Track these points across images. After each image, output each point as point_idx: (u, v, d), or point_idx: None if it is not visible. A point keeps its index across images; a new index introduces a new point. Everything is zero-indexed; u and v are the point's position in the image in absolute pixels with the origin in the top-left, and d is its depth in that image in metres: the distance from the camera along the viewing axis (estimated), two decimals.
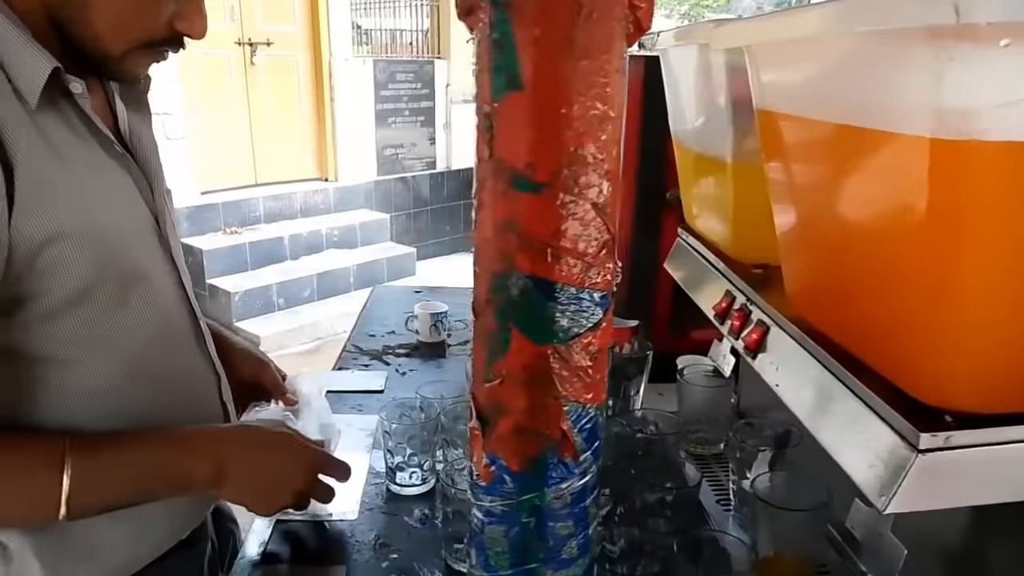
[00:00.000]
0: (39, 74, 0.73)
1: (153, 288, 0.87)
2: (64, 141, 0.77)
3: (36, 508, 0.75)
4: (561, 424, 0.29)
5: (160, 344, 0.88)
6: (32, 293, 0.75)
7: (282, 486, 0.89)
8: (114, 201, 0.83)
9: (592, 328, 0.29)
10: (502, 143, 0.28)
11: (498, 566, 0.32)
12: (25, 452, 0.76)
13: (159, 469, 0.82)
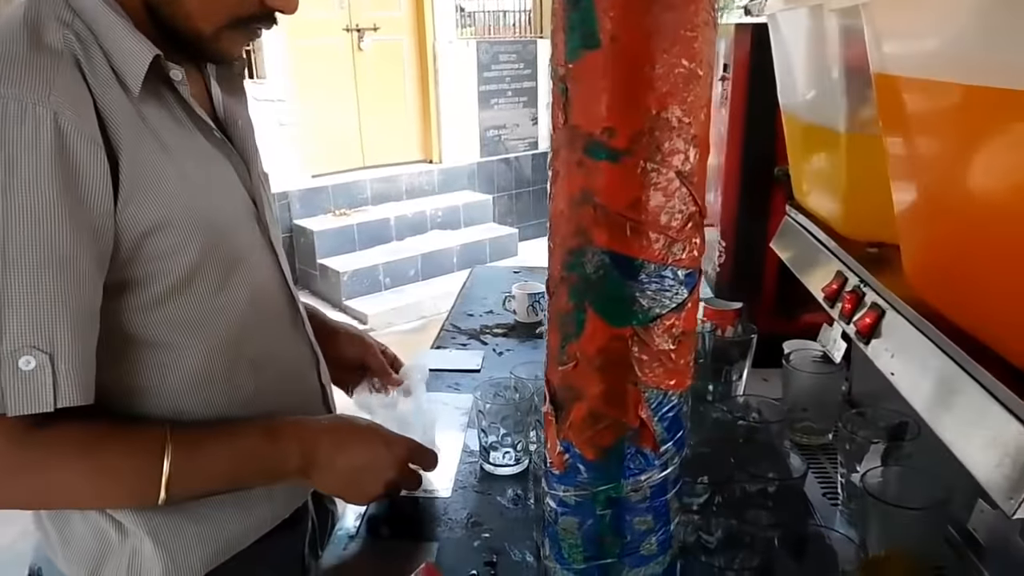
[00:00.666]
0: (141, 62, 0.75)
1: (252, 271, 0.88)
2: (166, 129, 0.79)
3: (139, 491, 0.78)
4: (640, 412, 0.27)
5: (258, 326, 0.89)
6: (139, 279, 0.77)
7: (370, 477, 0.89)
8: (215, 187, 0.84)
9: (675, 309, 0.27)
10: (577, 108, 0.26)
11: (571, 559, 0.30)
12: (131, 439, 0.78)
13: (252, 460, 0.84)
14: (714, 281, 1.42)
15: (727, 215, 1.37)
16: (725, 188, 1.36)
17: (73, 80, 0.71)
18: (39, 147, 0.68)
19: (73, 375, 0.71)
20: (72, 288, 0.71)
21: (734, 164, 1.34)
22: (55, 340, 0.69)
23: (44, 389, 0.69)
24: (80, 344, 0.71)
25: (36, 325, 0.69)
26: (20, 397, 0.69)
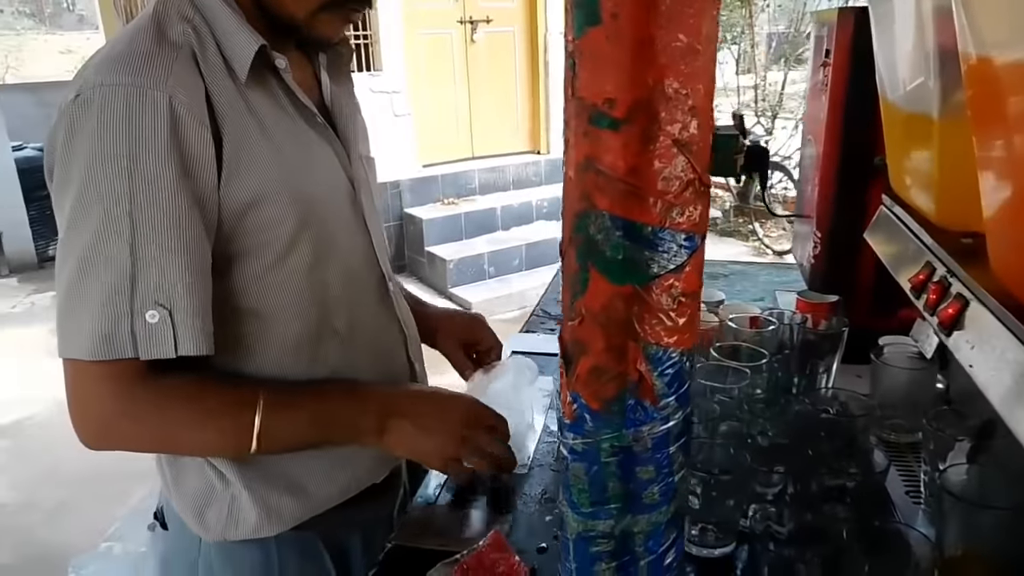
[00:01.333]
0: (248, 51, 0.82)
1: (344, 248, 0.94)
2: (268, 112, 0.85)
3: (234, 442, 0.86)
4: (639, 366, 0.29)
5: (347, 301, 0.95)
6: (241, 252, 0.85)
7: (440, 440, 0.91)
8: (313, 168, 0.90)
9: (674, 270, 0.29)
10: (583, 81, 0.28)
11: (580, 503, 0.33)
12: (229, 393, 0.86)
13: (334, 420, 0.89)
14: (808, 273, 1.39)
15: (823, 205, 1.33)
16: (822, 178, 1.33)
17: (188, 70, 0.79)
18: (157, 126, 0.76)
19: (189, 328, 0.79)
20: (189, 252, 0.79)
21: (832, 153, 1.30)
22: (174, 298, 0.78)
23: (166, 338, 0.78)
24: (196, 301, 0.80)
25: (160, 285, 0.78)
26: (149, 344, 0.78)
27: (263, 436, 0.84)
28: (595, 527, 0.33)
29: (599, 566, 0.34)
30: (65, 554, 2.42)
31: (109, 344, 0.77)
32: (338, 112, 0.99)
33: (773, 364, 1.11)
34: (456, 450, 0.91)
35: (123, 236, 0.76)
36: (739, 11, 7.37)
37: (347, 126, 0.98)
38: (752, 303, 1.54)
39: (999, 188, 0.67)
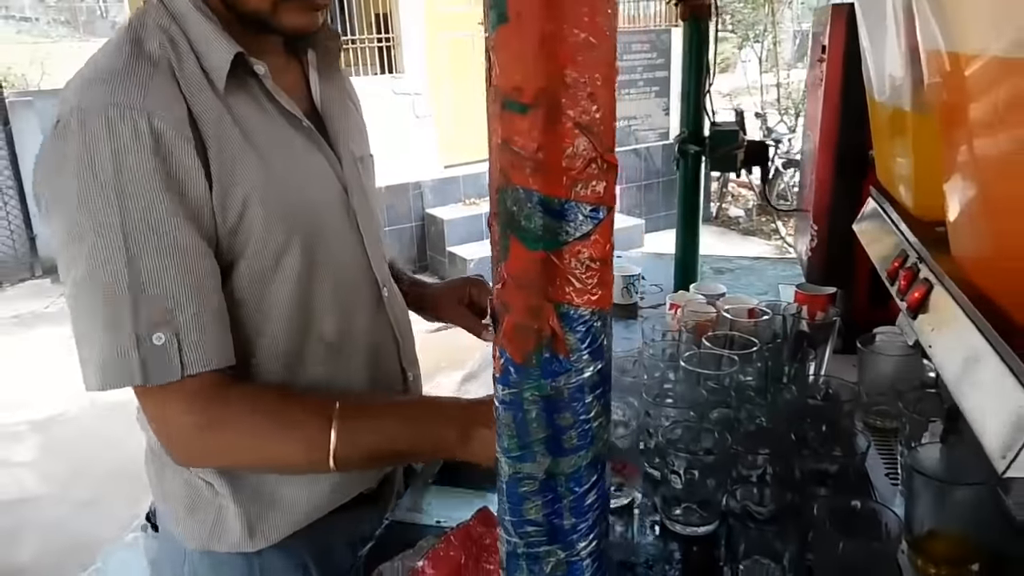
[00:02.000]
0: (224, 60, 0.81)
1: (336, 257, 0.92)
2: (251, 120, 0.84)
3: (309, 456, 0.83)
4: (551, 323, 0.33)
5: (336, 308, 0.93)
6: (233, 261, 0.83)
7: None
8: (301, 175, 0.89)
9: (581, 238, 0.33)
10: (497, 71, 0.32)
11: (510, 448, 0.37)
12: (304, 405, 0.85)
13: (415, 434, 0.86)
14: (806, 266, 1.41)
15: (819, 199, 1.35)
16: (818, 172, 1.35)
17: (166, 85, 0.79)
18: (140, 148, 0.75)
19: (196, 346, 0.78)
20: (189, 270, 0.78)
21: (828, 147, 1.33)
22: (179, 318, 0.77)
23: (172, 360, 0.77)
24: (204, 318, 0.78)
25: (163, 306, 0.76)
26: (156, 369, 0.76)
27: (340, 452, 0.82)
28: (522, 469, 0.37)
29: (527, 505, 0.38)
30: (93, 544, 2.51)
31: (118, 373, 0.76)
32: (328, 113, 0.97)
33: (764, 353, 1.14)
34: None
35: (119, 264, 0.75)
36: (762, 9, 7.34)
37: (338, 127, 0.96)
38: (755, 296, 1.56)
39: (957, 179, 0.70)
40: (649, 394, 1.09)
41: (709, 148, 1.52)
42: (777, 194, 6.30)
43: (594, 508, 0.39)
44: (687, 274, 1.67)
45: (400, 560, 0.80)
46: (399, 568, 0.79)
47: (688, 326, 1.25)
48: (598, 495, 0.39)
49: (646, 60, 6.38)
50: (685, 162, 1.58)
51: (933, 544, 0.78)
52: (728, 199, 7.10)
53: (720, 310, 1.30)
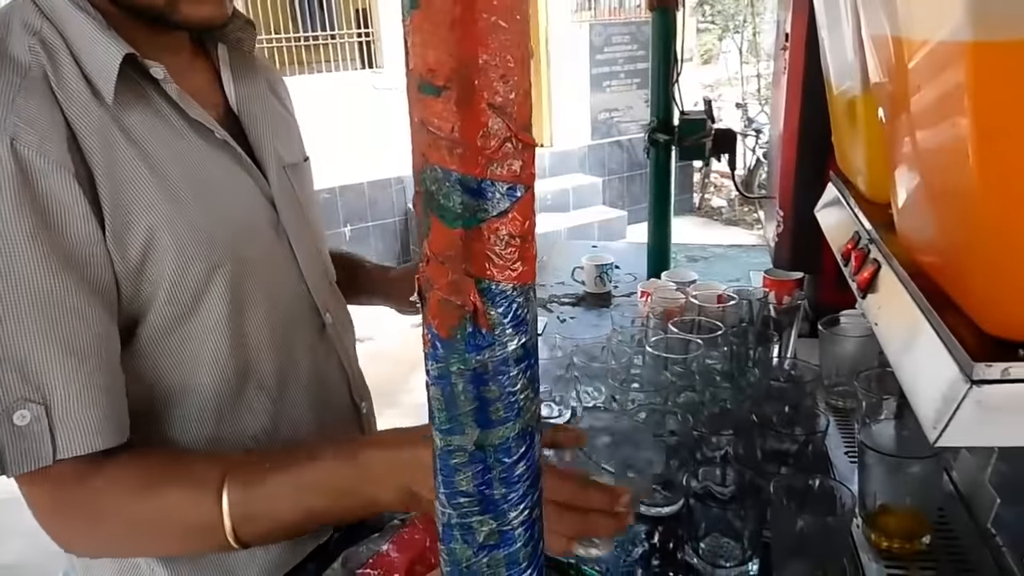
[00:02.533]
0: (110, 63, 0.68)
1: (267, 287, 0.80)
2: (149, 135, 0.71)
3: (202, 537, 0.69)
4: (472, 298, 0.35)
5: (273, 346, 0.81)
6: (143, 308, 0.72)
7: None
8: (215, 192, 0.76)
9: (498, 215, 0.34)
10: (412, 55, 0.34)
11: (440, 421, 0.38)
12: (187, 477, 0.69)
13: (330, 490, 0.69)
14: (774, 252, 1.43)
15: (784, 186, 1.37)
16: (783, 159, 1.37)
17: (38, 99, 0.65)
18: (1, 179, 0.62)
19: (74, 423, 0.65)
20: (64, 330, 0.65)
21: (791, 135, 1.34)
22: (47, 389, 0.64)
23: (41, 443, 0.64)
24: (82, 388, 0.65)
25: (27, 376, 0.63)
26: (17, 455, 0.63)
27: (239, 527, 0.67)
28: (452, 441, 0.38)
29: (458, 476, 0.39)
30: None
31: None
32: (248, 117, 0.84)
33: (730, 337, 1.16)
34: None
35: None
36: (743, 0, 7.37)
37: (261, 133, 0.84)
38: (727, 283, 1.58)
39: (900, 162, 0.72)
40: (616, 379, 1.10)
41: (678, 137, 1.53)
42: (758, 184, 6.34)
43: (524, 479, 0.41)
44: (659, 262, 1.69)
45: (365, 544, 0.81)
46: (364, 552, 0.80)
47: (656, 312, 1.27)
48: (528, 466, 0.40)
49: (627, 52, 6.39)
50: (655, 151, 1.59)
51: (885, 518, 0.81)
52: (711, 190, 7.13)
53: (688, 296, 1.32)
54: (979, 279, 0.54)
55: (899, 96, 0.66)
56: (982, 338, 0.54)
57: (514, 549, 0.41)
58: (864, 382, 0.93)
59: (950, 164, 0.54)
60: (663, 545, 0.91)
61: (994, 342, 0.53)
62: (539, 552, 0.43)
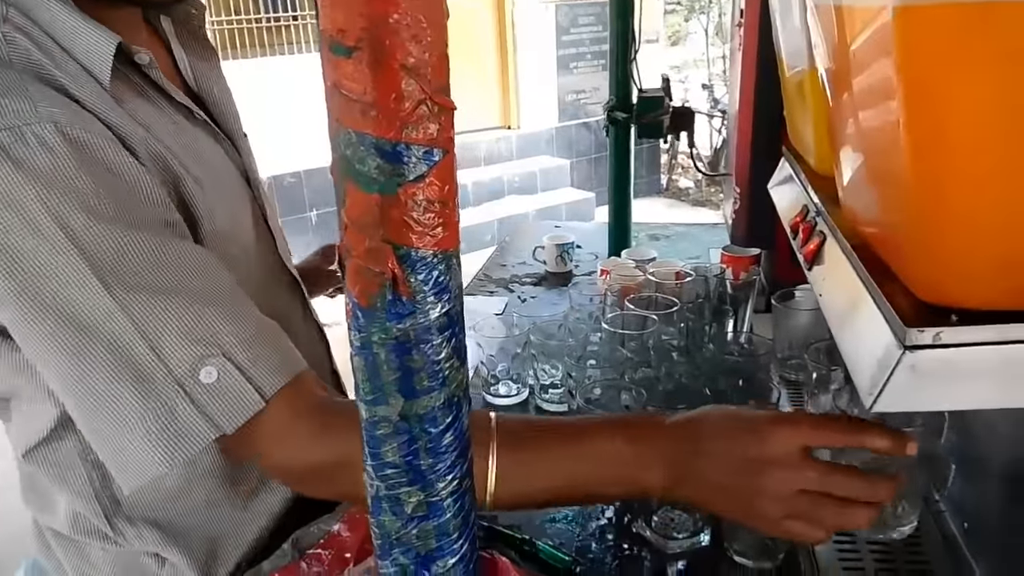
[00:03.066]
0: (103, 52, 0.67)
1: (251, 258, 0.80)
2: (149, 119, 0.71)
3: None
4: (390, 265, 0.34)
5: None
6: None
7: (759, 500, 0.64)
8: (215, 173, 0.77)
9: (415, 180, 0.33)
10: (323, 16, 0.33)
11: (364, 391, 0.37)
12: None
13: (598, 479, 0.69)
14: (731, 228, 1.44)
15: (740, 162, 1.38)
16: (740, 135, 1.37)
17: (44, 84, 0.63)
18: (62, 166, 0.59)
19: (264, 361, 0.65)
20: (202, 285, 0.65)
21: (747, 111, 1.35)
22: (220, 340, 0.64)
23: (244, 391, 0.64)
24: (251, 327, 0.66)
25: (194, 337, 0.63)
26: (226, 411, 0.63)
27: (501, 483, 0.66)
28: (377, 412, 0.37)
29: (385, 447, 0.39)
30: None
31: (178, 437, 0.62)
32: (209, 95, 0.84)
33: (686, 313, 1.17)
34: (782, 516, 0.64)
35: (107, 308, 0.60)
36: None
37: (224, 110, 0.84)
38: (687, 261, 1.59)
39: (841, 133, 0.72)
40: (572, 356, 1.11)
41: (636, 115, 1.53)
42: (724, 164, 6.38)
43: (452, 449, 0.40)
44: (620, 241, 1.69)
45: (316, 525, 0.80)
46: (316, 533, 0.79)
47: (614, 290, 1.27)
48: (455, 436, 0.40)
49: (593, 33, 6.37)
50: (614, 129, 1.59)
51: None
52: (678, 171, 7.16)
53: (646, 274, 1.32)
54: (913, 247, 0.54)
55: (838, 67, 0.67)
56: (918, 306, 0.54)
57: (444, 520, 0.41)
58: (814, 354, 0.94)
59: (882, 133, 0.54)
60: (618, 519, 0.92)
61: (928, 309, 0.54)
62: (471, 523, 0.43)
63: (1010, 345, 0.50)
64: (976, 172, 0.47)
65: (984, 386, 0.51)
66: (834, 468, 0.65)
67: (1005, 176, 0.46)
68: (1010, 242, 0.48)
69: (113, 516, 0.80)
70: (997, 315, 0.50)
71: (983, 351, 0.50)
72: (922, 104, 0.47)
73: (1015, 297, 0.50)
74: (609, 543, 0.88)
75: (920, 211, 0.51)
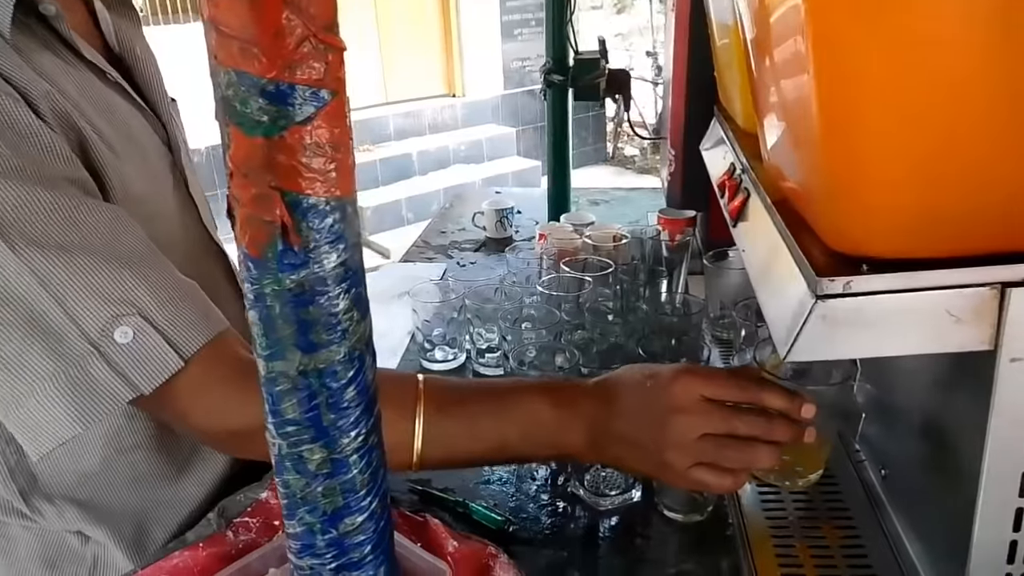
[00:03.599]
0: (4, 1, 0.63)
1: (173, 226, 0.78)
2: (58, 76, 0.67)
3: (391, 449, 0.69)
4: (279, 213, 0.32)
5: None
6: None
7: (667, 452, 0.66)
8: (128, 137, 0.74)
9: (302, 122, 0.32)
10: None
11: (260, 347, 0.36)
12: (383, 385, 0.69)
13: (526, 431, 0.70)
14: (667, 191, 1.45)
15: (675, 124, 1.38)
16: (674, 97, 1.38)
17: None
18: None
19: (183, 319, 0.63)
20: (116, 242, 0.63)
21: (680, 73, 1.35)
22: (135, 298, 0.62)
23: (161, 350, 0.62)
24: (168, 286, 0.64)
25: (108, 296, 0.61)
26: (143, 371, 0.61)
27: (427, 444, 0.67)
28: (275, 368, 0.36)
29: (284, 404, 0.37)
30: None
31: (91, 400, 0.60)
32: (131, 58, 0.79)
33: (620, 275, 1.17)
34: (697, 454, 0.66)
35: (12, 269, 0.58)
36: None
37: (145, 73, 0.80)
38: (627, 224, 1.60)
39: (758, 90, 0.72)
40: (507, 320, 1.10)
41: (572, 77, 1.52)
42: None
43: (356, 404, 0.39)
44: (559, 205, 1.69)
45: (243, 493, 0.79)
46: (243, 501, 0.78)
47: (550, 253, 1.27)
48: (358, 391, 0.39)
49: None
50: (551, 93, 1.58)
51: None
52: (624, 139, 7.18)
53: (583, 237, 1.32)
54: (825, 200, 0.55)
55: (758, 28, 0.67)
56: (831, 257, 0.55)
57: (350, 477, 0.40)
58: (742, 311, 0.95)
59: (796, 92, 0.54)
60: (552, 480, 0.92)
61: (841, 259, 0.54)
62: (379, 479, 0.42)
63: (915, 293, 0.51)
64: (881, 128, 0.47)
65: (892, 333, 0.52)
66: (734, 411, 0.67)
67: (908, 132, 0.47)
68: (914, 194, 0.49)
69: (30, 494, 0.77)
70: (906, 264, 0.51)
71: (891, 299, 0.51)
72: (831, 65, 0.48)
73: (921, 246, 0.51)
74: (543, 502, 0.88)
75: (830, 166, 0.52)
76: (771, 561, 0.73)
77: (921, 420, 0.69)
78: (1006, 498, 0.56)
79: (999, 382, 0.53)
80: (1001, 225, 0.49)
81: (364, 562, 0.42)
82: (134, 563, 0.79)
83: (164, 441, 0.80)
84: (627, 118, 1.56)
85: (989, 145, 0.46)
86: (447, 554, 0.73)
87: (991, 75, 0.43)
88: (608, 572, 0.77)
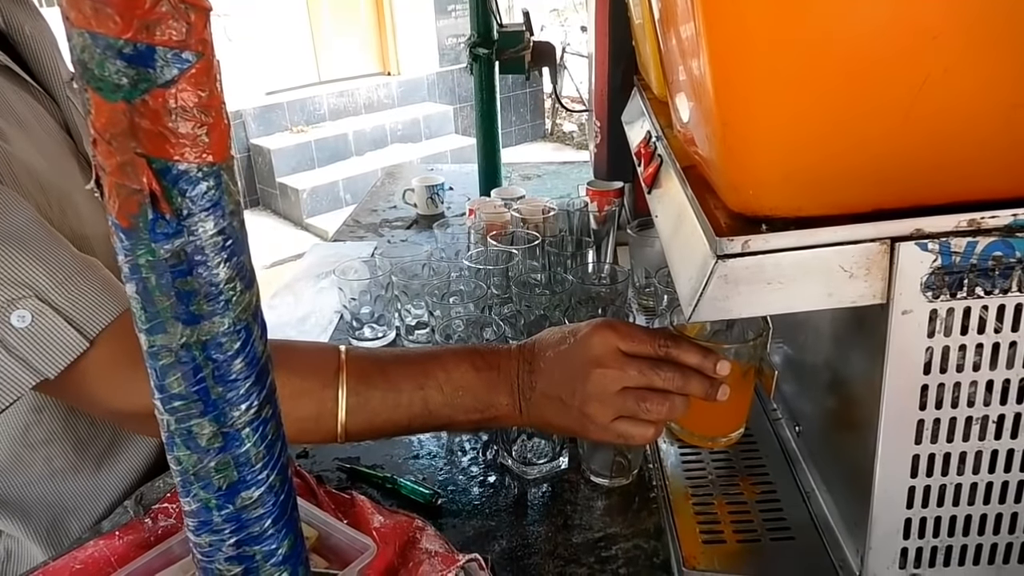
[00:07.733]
0: None
1: (81, 215, 0.74)
2: None
3: (315, 421, 0.67)
4: (146, 179, 0.31)
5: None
6: None
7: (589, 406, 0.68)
8: (21, 126, 0.71)
9: (164, 85, 0.31)
10: None
11: (141, 321, 0.35)
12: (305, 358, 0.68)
13: (453, 396, 0.70)
14: (594, 163, 1.45)
15: (599, 96, 1.39)
16: (598, 69, 1.38)
17: None
18: None
19: (85, 300, 0.61)
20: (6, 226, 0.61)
21: (603, 45, 1.36)
22: (31, 281, 0.60)
23: (62, 332, 0.60)
24: (64, 266, 0.62)
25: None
26: (45, 354, 0.59)
27: (352, 415, 0.67)
28: (156, 341, 0.35)
29: (169, 379, 0.36)
30: None
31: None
32: (21, 36, 0.76)
33: (547, 248, 1.17)
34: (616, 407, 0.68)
35: None
36: None
37: (39, 55, 0.77)
38: (557, 198, 1.60)
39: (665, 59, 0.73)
40: (435, 295, 1.10)
41: (497, 50, 1.51)
42: None
43: (245, 376, 0.38)
44: (490, 180, 1.68)
45: (162, 479, 0.77)
46: (162, 487, 0.76)
47: (478, 228, 1.26)
48: (247, 362, 0.38)
49: None
50: (477, 66, 1.56)
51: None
52: (562, 115, 7.19)
53: (511, 211, 1.32)
54: (724, 162, 0.55)
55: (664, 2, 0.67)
56: (733, 219, 0.56)
57: (244, 450, 0.39)
58: (663, 279, 0.97)
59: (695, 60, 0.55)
60: (481, 452, 0.93)
61: (744, 221, 0.55)
62: (277, 452, 0.41)
63: (810, 250, 0.52)
64: (768, 90, 0.48)
65: (791, 290, 0.53)
66: (651, 363, 0.68)
67: (791, 94, 0.48)
68: (802, 153, 0.50)
69: None
70: (803, 222, 0.53)
71: (787, 256, 0.52)
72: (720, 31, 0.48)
73: (815, 204, 0.52)
74: (472, 475, 0.89)
75: (725, 130, 0.52)
76: (690, 519, 0.75)
77: (828, 376, 0.72)
78: (903, 446, 0.58)
79: (892, 334, 0.55)
80: (889, 182, 0.51)
81: (265, 536, 0.42)
82: (49, 555, 0.77)
83: (79, 434, 0.78)
84: (555, 91, 1.56)
85: (869, 104, 0.47)
86: (373, 529, 0.73)
87: (868, 37, 0.45)
88: (535, 538, 0.78)
